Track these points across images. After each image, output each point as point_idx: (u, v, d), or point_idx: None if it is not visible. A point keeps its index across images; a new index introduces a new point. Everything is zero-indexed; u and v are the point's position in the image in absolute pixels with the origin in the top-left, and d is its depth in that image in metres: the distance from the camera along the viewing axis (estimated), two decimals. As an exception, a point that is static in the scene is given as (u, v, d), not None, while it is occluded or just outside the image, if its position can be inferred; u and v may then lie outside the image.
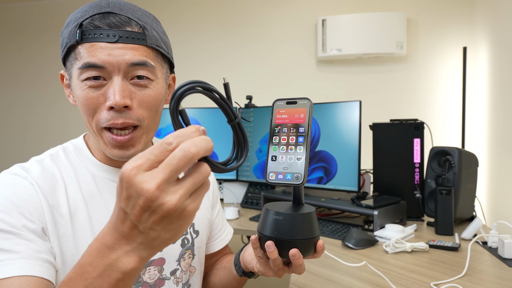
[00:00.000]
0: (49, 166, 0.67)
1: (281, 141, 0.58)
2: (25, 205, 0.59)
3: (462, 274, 0.96)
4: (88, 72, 0.60)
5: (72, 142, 0.73)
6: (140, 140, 0.66)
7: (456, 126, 2.34)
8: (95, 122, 0.63)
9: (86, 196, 0.66)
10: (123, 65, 0.60)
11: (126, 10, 0.62)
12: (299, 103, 0.58)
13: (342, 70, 2.55)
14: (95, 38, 0.59)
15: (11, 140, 3.11)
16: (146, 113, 0.65)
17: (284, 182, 0.56)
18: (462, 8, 2.37)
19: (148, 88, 0.64)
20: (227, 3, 2.74)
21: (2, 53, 3.13)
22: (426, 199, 1.49)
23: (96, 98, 0.61)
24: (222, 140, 1.94)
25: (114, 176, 0.70)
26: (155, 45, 0.64)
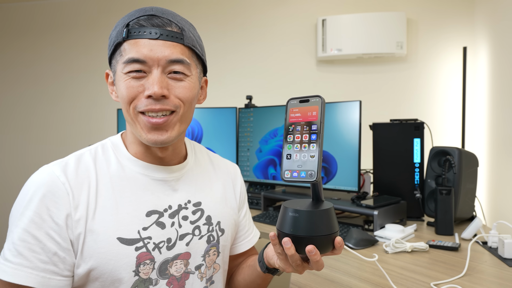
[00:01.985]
0: (86, 161, 0.71)
1: (295, 140, 0.59)
2: (56, 212, 0.64)
3: (462, 274, 0.96)
4: (131, 66, 0.66)
5: (110, 139, 0.78)
6: (174, 126, 0.70)
7: (456, 126, 2.34)
8: (133, 107, 0.68)
9: (116, 190, 0.70)
10: (163, 60, 0.66)
11: (167, 14, 0.70)
12: (311, 101, 0.59)
13: (342, 70, 2.55)
14: (139, 35, 0.66)
15: (12, 140, 3.12)
16: (181, 103, 0.70)
17: (299, 179, 0.57)
18: (462, 8, 2.37)
19: (184, 81, 0.70)
20: (227, 3, 2.74)
21: (3, 53, 3.13)
22: (426, 199, 1.49)
23: (136, 87, 0.67)
24: (222, 140, 1.94)
25: (146, 171, 0.74)
26: (191, 45, 0.70)
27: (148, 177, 0.74)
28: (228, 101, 2.65)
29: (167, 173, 0.75)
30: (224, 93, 2.73)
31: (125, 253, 0.67)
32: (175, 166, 0.77)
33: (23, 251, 0.61)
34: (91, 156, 0.72)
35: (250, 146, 1.88)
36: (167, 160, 0.76)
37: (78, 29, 2.99)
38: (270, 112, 1.81)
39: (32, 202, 0.63)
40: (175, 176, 0.77)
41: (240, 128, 1.92)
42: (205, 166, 0.86)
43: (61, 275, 0.64)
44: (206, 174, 0.84)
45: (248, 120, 1.89)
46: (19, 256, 0.61)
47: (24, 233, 0.62)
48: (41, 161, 3.03)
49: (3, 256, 0.62)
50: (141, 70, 0.66)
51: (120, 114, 2.14)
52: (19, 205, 0.64)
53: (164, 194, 0.74)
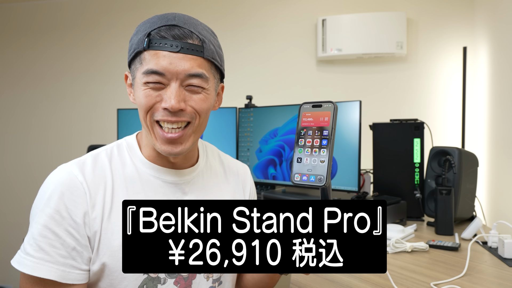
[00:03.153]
0: (102, 161, 0.74)
1: (306, 144, 0.60)
2: (74, 210, 0.66)
3: (462, 274, 0.96)
4: (150, 77, 0.67)
5: (126, 139, 0.80)
6: (189, 138, 0.72)
7: (456, 126, 2.34)
8: (150, 115, 0.70)
9: (130, 191, 0.72)
10: (182, 74, 0.68)
11: (189, 24, 0.70)
12: (324, 106, 0.60)
13: (342, 70, 2.55)
14: (160, 46, 0.67)
15: (13, 140, 3.12)
16: (197, 115, 0.72)
17: (308, 183, 0.58)
18: (462, 8, 2.37)
19: (200, 94, 0.71)
20: (227, 3, 2.74)
21: (3, 54, 3.13)
22: (426, 199, 1.49)
23: (154, 97, 0.69)
24: (222, 140, 1.94)
25: (158, 173, 0.76)
26: (211, 57, 0.72)
27: (160, 180, 0.76)
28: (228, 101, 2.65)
29: (178, 177, 0.77)
30: (224, 93, 2.70)
31: None
32: (186, 169, 0.79)
33: (44, 246, 0.64)
34: (107, 156, 0.75)
35: (250, 146, 1.88)
36: (179, 164, 0.79)
37: (79, 29, 2.99)
38: (270, 112, 1.81)
39: (51, 199, 0.66)
40: (185, 179, 0.79)
41: (240, 128, 1.93)
42: (216, 168, 0.87)
43: (79, 269, 0.67)
44: (216, 177, 0.86)
45: (248, 120, 1.89)
46: (40, 251, 0.64)
47: (44, 229, 0.65)
48: (42, 161, 3.03)
49: (24, 250, 0.65)
50: (159, 82, 0.68)
51: (120, 114, 2.14)
52: (39, 202, 0.67)
53: (174, 196, 0.76)
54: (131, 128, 2.08)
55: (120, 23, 2.88)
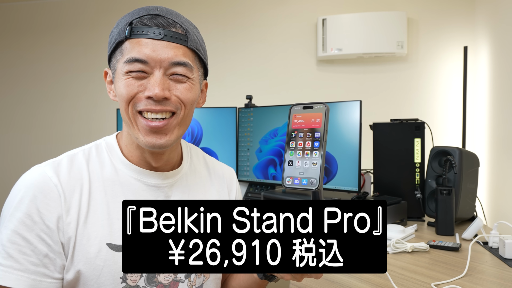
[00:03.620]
0: (79, 162, 0.70)
1: (297, 146, 0.59)
2: (47, 214, 0.63)
3: (463, 275, 0.96)
4: (132, 65, 0.64)
5: (105, 139, 0.76)
6: (173, 130, 0.69)
7: (457, 125, 2.34)
8: (132, 106, 0.66)
9: (109, 195, 0.69)
10: (165, 62, 0.65)
11: (172, 15, 0.68)
12: (315, 107, 0.59)
13: (343, 70, 2.54)
14: (142, 34, 0.64)
15: (14, 139, 3.12)
16: (182, 105, 0.68)
17: (300, 187, 0.57)
18: (462, 8, 2.37)
19: (185, 83, 0.68)
20: (227, 3, 2.74)
21: (3, 53, 3.13)
22: (427, 199, 1.49)
23: (136, 86, 0.65)
24: (222, 140, 1.94)
25: (140, 176, 0.72)
26: (195, 47, 0.69)
27: (141, 182, 0.72)
28: (228, 101, 2.65)
29: (160, 179, 0.74)
30: (224, 93, 2.73)
31: (114, 259, 0.66)
32: (169, 172, 0.76)
33: (13, 253, 0.60)
34: (84, 157, 0.71)
35: (250, 146, 1.88)
36: (161, 165, 0.75)
37: (79, 29, 2.99)
38: (270, 112, 1.81)
39: (22, 203, 0.62)
40: (168, 182, 0.75)
41: (240, 128, 1.92)
42: (200, 171, 0.84)
43: (51, 278, 0.63)
44: (201, 180, 0.82)
45: (248, 120, 1.89)
46: (9, 259, 0.60)
47: (14, 235, 0.61)
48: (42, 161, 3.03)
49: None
50: (142, 71, 0.65)
51: (120, 114, 2.14)
52: (9, 205, 0.63)
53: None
54: (131, 128, 2.08)
55: (120, 23, 2.88)
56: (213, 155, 1.93)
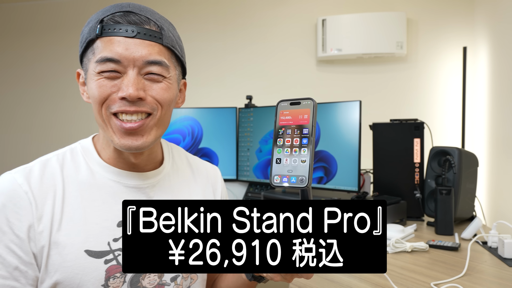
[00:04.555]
0: (52, 167, 0.67)
1: (285, 143, 0.57)
2: (16, 223, 0.60)
3: (462, 274, 0.96)
4: (104, 65, 0.61)
5: (81, 142, 0.73)
6: (150, 131, 0.66)
7: (456, 126, 2.34)
8: (105, 108, 0.63)
9: (85, 199, 0.66)
10: (139, 61, 0.62)
11: (145, 11, 0.65)
12: (302, 103, 0.57)
13: (342, 70, 2.55)
14: (114, 32, 0.61)
15: (14, 139, 3.12)
16: (158, 105, 0.66)
17: (289, 185, 0.55)
18: (462, 8, 2.37)
19: (161, 82, 0.65)
20: (227, 3, 2.74)
21: (4, 53, 3.13)
22: (426, 199, 1.49)
23: (109, 87, 0.62)
24: (222, 140, 1.94)
25: (118, 177, 0.69)
26: (171, 45, 0.66)
27: (121, 184, 0.69)
28: (228, 101, 2.65)
29: (141, 180, 0.71)
30: (224, 93, 2.73)
31: (93, 266, 0.63)
32: (150, 172, 0.73)
33: None
34: (58, 161, 0.68)
35: (250, 146, 1.88)
36: (141, 166, 0.72)
37: (79, 29, 2.98)
38: (270, 112, 1.81)
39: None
40: (150, 182, 0.72)
41: (240, 128, 1.93)
42: (183, 170, 0.80)
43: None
44: (184, 180, 0.79)
45: (248, 120, 1.89)
46: None
47: None
48: (41, 161, 3.04)
49: None
50: (115, 70, 0.62)
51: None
52: None
53: None
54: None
55: (120, 23, 2.88)
56: (213, 155, 1.93)
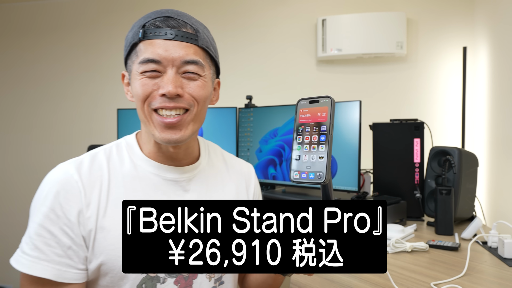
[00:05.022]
0: (100, 160, 0.74)
1: (304, 140, 0.59)
2: (68, 208, 0.67)
3: (462, 274, 0.96)
4: (146, 65, 0.68)
5: (125, 138, 0.80)
6: (188, 125, 0.72)
7: (456, 126, 2.34)
8: (147, 105, 0.70)
9: (128, 189, 0.72)
10: (177, 61, 0.68)
11: (182, 16, 0.72)
12: (321, 101, 0.59)
13: (342, 70, 2.55)
14: (155, 35, 0.68)
15: (14, 139, 3.12)
16: (195, 102, 0.72)
17: (307, 181, 0.57)
18: (462, 8, 2.37)
19: (198, 81, 0.71)
20: (227, 3, 2.74)
21: (4, 53, 3.13)
22: (426, 199, 1.49)
23: (150, 86, 0.69)
24: (222, 140, 1.94)
25: (158, 171, 0.75)
26: (205, 46, 0.73)
27: (160, 177, 0.75)
28: (228, 101, 2.66)
29: (178, 174, 0.77)
30: (224, 93, 2.72)
31: None
32: (187, 166, 0.79)
33: (39, 245, 0.65)
34: (105, 155, 0.75)
35: (250, 146, 1.88)
36: (179, 160, 0.78)
37: (79, 29, 2.99)
38: (270, 112, 1.81)
39: (47, 198, 0.66)
40: (186, 176, 0.78)
41: (240, 128, 1.93)
42: (218, 166, 0.86)
43: (75, 268, 0.67)
44: (219, 175, 0.85)
45: (248, 120, 1.89)
46: (36, 250, 0.64)
47: (40, 228, 0.65)
48: (43, 161, 3.03)
49: (21, 249, 0.66)
50: (156, 70, 0.68)
51: (120, 114, 2.14)
52: (36, 201, 0.68)
53: (175, 194, 0.76)
54: (131, 128, 2.08)
55: (120, 23, 2.88)
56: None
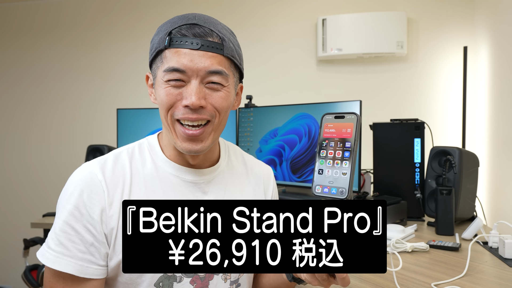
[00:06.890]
0: (122, 160, 0.76)
1: (328, 155, 0.60)
2: (92, 207, 0.69)
3: (463, 274, 0.96)
4: (171, 74, 0.69)
5: (148, 139, 0.81)
6: (209, 136, 0.73)
7: (457, 125, 2.34)
8: (170, 114, 0.71)
9: (149, 190, 0.74)
10: (202, 71, 0.69)
11: (209, 23, 0.72)
12: (346, 117, 0.60)
13: (342, 70, 2.55)
14: (181, 44, 0.69)
15: (14, 139, 3.12)
16: (216, 113, 0.73)
17: (329, 196, 0.58)
18: (462, 8, 2.37)
19: (220, 91, 0.72)
20: (227, 3, 2.74)
21: (4, 53, 3.13)
22: (427, 199, 1.49)
23: (175, 95, 0.70)
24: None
25: (178, 172, 0.77)
26: (231, 55, 0.73)
27: (179, 179, 0.76)
28: (228, 101, 2.65)
29: (198, 176, 0.78)
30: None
31: None
32: (207, 169, 0.80)
33: (63, 241, 0.67)
34: (128, 155, 0.77)
35: (250, 146, 1.88)
36: (199, 163, 0.79)
37: (79, 29, 2.99)
38: (270, 112, 1.81)
39: (72, 196, 0.69)
40: (205, 178, 0.79)
41: (240, 128, 1.92)
42: (238, 168, 0.87)
43: (97, 264, 0.69)
44: (238, 177, 0.85)
45: (248, 120, 1.89)
46: (60, 245, 0.67)
47: (65, 225, 0.68)
48: (43, 161, 3.03)
49: (47, 243, 0.69)
50: (180, 79, 0.69)
51: (120, 114, 2.14)
52: (62, 198, 0.71)
53: (193, 195, 0.77)
54: (131, 128, 2.08)
55: (120, 23, 2.88)
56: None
